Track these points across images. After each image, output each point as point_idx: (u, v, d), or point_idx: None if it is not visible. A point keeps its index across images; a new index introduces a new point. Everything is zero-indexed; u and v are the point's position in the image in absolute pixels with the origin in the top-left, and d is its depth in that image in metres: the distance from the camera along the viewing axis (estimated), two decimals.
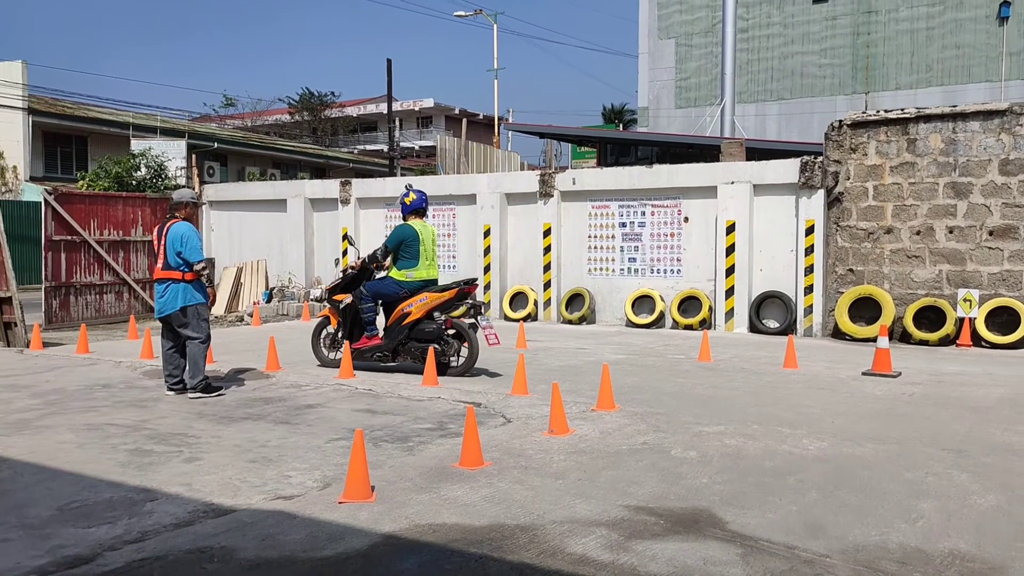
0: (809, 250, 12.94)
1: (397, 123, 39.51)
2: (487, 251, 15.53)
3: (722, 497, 4.74)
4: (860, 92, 27.07)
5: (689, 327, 13.61)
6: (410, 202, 9.13)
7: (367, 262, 9.21)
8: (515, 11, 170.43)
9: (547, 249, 15.08)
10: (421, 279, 9.01)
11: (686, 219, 14.13)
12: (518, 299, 15.39)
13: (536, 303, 15.12)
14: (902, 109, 12.68)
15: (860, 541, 4.08)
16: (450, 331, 8.95)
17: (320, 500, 4.71)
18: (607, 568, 3.74)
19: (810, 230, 12.92)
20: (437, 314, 8.88)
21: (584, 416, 6.78)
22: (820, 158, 12.90)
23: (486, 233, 15.53)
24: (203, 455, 5.68)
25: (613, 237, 14.73)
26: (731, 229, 13.51)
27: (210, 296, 8.09)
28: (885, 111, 12.77)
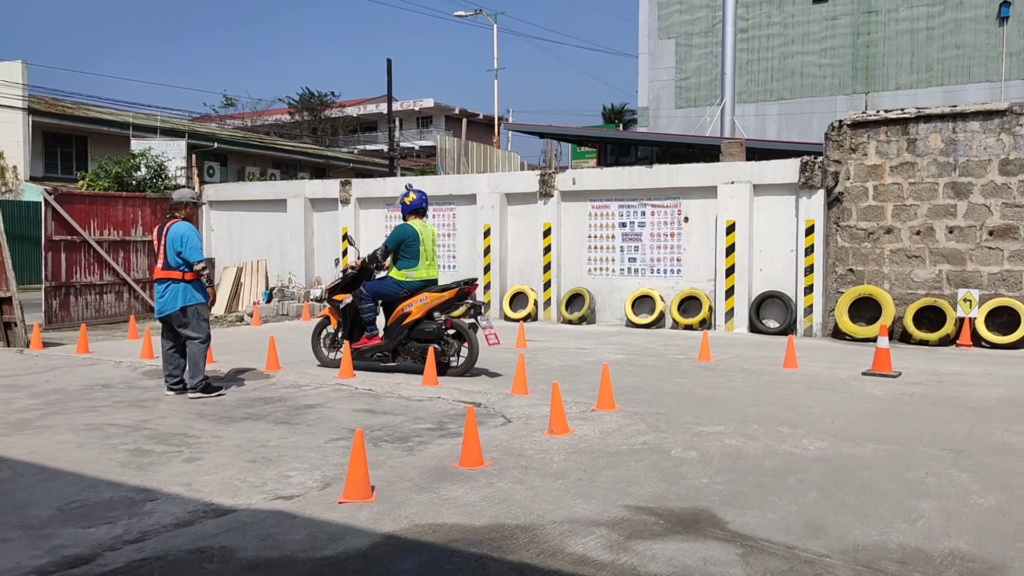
0: (809, 250, 12.94)
1: (397, 123, 39.51)
2: (487, 251, 15.53)
3: (722, 497, 4.74)
4: (860, 92, 27.07)
5: (689, 327, 13.61)
6: (410, 202, 9.13)
7: (367, 262, 9.21)
8: (515, 11, 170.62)
9: (547, 249, 15.08)
10: (421, 279, 9.01)
11: (686, 219, 14.12)
12: (518, 299, 15.39)
13: (536, 303, 15.12)
14: (902, 109, 12.68)
15: (860, 541, 4.08)
16: (450, 331, 8.95)
17: (320, 500, 4.71)
18: (607, 568, 3.74)
19: (810, 230, 12.92)
20: (437, 314, 8.88)
21: (584, 416, 6.78)
22: (820, 158, 12.90)
23: (486, 233, 15.53)
24: (203, 455, 5.68)
25: (613, 237, 14.73)
26: (731, 229, 13.51)
27: (210, 296, 8.09)
28: (885, 111, 12.77)
